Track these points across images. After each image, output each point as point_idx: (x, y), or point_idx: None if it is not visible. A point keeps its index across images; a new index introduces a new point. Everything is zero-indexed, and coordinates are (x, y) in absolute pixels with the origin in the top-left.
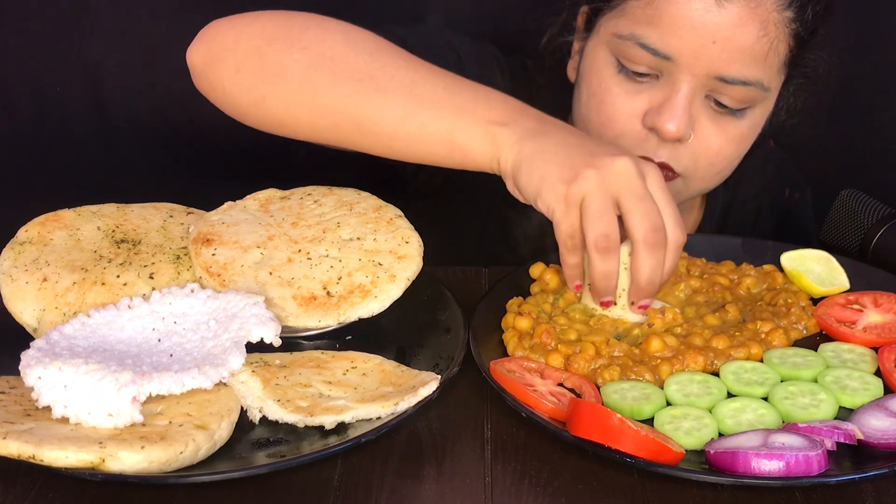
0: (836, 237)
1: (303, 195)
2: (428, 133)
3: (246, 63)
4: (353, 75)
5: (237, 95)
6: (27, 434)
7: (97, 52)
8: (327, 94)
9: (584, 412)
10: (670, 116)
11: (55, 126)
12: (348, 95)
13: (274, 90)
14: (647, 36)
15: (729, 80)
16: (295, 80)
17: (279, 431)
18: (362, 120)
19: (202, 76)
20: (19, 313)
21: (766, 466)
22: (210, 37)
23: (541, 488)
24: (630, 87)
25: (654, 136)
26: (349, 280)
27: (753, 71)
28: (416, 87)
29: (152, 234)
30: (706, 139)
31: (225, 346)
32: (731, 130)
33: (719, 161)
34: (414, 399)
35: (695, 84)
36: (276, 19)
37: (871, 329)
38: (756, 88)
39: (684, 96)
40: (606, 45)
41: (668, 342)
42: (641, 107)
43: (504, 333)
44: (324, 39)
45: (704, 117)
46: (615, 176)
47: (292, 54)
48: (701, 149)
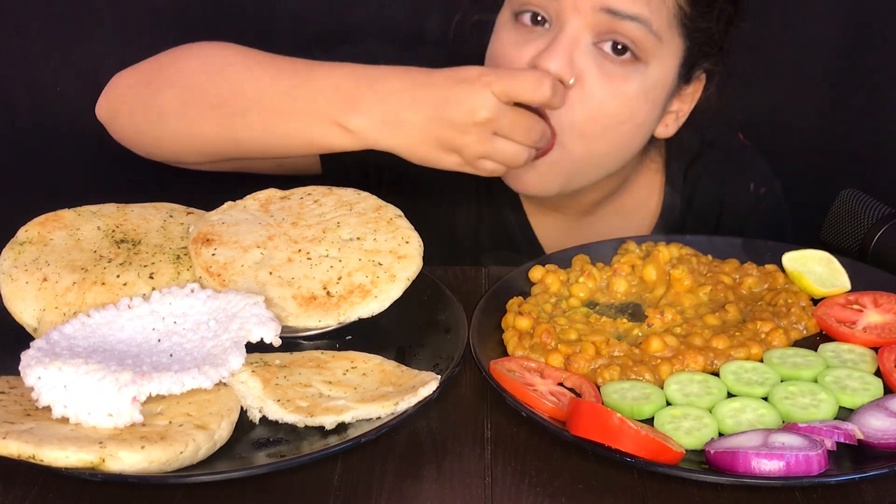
0: (836, 237)
1: (303, 195)
2: (291, 142)
3: (135, 109)
4: (212, 103)
5: (135, 138)
6: (27, 434)
7: (97, 52)
8: (200, 126)
9: (584, 412)
10: (550, 55)
11: (55, 126)
12: (215, 125)
13: (162, 130)
14: None
15: (615, 11)
16: (173, 119)
17: (279, 431)
18: (235, 142)
19: (110, 128)
20: (19, 313)
21: (766, 466)
22: (110, 90)
23: (541, 488)
24: (520, 37)
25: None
26: (349, 280)
27: (640, 6)
28: (263, 101)
29: (152, 234)
30: (588, 85)
31: (225, 346)
32: (618, 82)
33: (600, 115)
34: (414, 399)
35: (581, 23)
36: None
37: (871, 329)
38: (645, 29)
39: (567, 36)
40: (508, 5)
41: (668, 342)
42: (529, 54)
43: (504, 333)
44: (186, 72)
45: (591, 63)
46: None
47: (165, 94)
48: (581, 95)
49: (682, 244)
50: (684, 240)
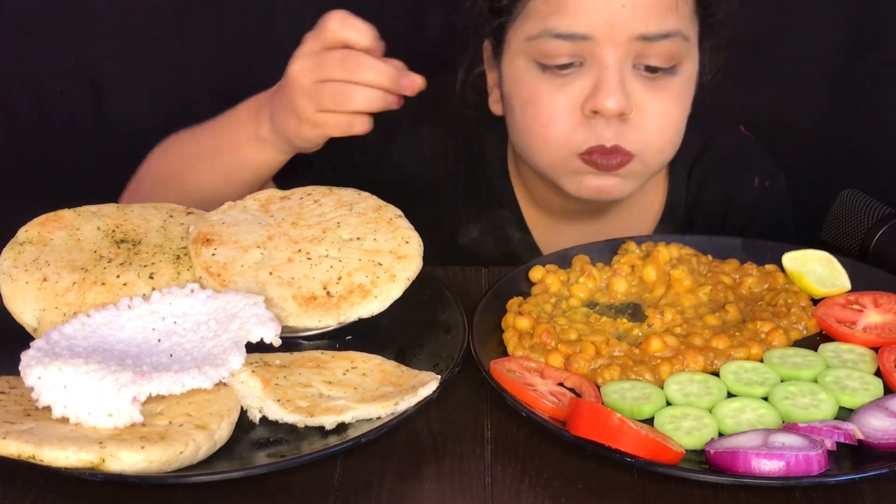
0: (836, 237)
1: (303, 195)
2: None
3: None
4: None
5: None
6: (27, 434)
7: (97, 52)
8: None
9: (584, 412)
10: (607, 94)
11: (55, 126)
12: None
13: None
14: (558, 25)
15: (650, 36)
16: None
17: (279, 431)
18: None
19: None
20: (19, 313)
21: (766, 466)
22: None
23: (541, 488)
24: (558, 81)
25: (598, 121)
26: (349, 280)
27: (669, 21)
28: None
29: (152, 234)
30: (648, 106)
31: (225, 346)
32: (670, 91)
33: (667, 125)
34: (414, 399)
35: (619, 54)
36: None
37: (871, 329)
38: (678, 39)
39: (614, 70)
40: (522, 54)
41: (668, 342)
42: (576, 96)
43: (504, 333)
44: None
45: (639, 86)
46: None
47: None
48: (646, 118)
49: (681, 244)
50: (684, 240)
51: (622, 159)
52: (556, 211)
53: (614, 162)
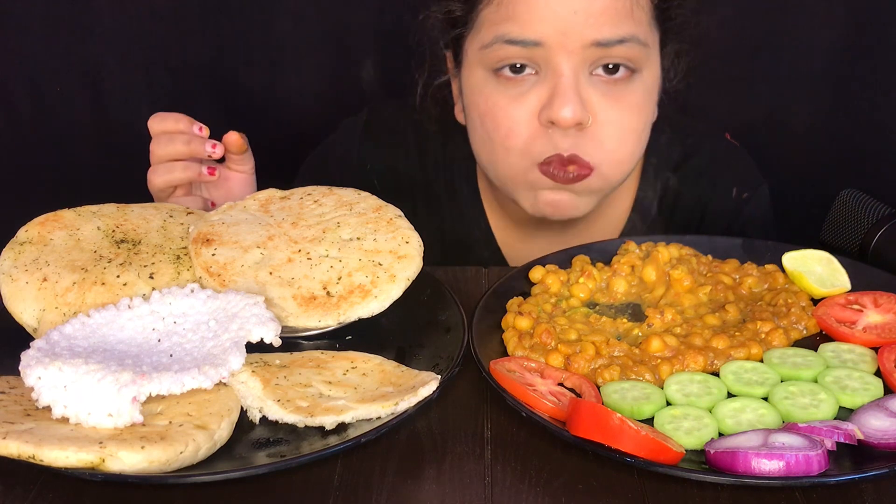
0: (836, 237)
1: (303, 195)
2: None
3: None
4: None
5: None
6: (27, 434)
7: (97, 52)
8: None
9: (584, 412)
10: (562, 103)
11: (55, 126)
12: None
13: None
14: (509, 31)
15: (605, 42)
16: None
17: (279, 431)
18: None
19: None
20: (19, 313)
21: (766, 466)
22: None
23: (541, 488)
24: (514, 91)
25: (555, 132)
26: (349, 280)
27: (625, 27)
28: None
29: (152, 234)
30: (605, 115)
31: (225, 346)
32: (629, 99)
33: (626, 135)
34: (414, 399)
35: (573, 61)
36: None
37: (871, 329)
38: (634, 45)
39: (569, 79)
40: (479, 64)
41: (668, 342)
42: (533, 106)
43: (504, 333)
44: None
45: (597, 94)
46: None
47: None
48: (604, 128)
49: (682, 244)
50: (684, 240)
51: (579, 172)
52: (522, 220)
53: (571, 174)
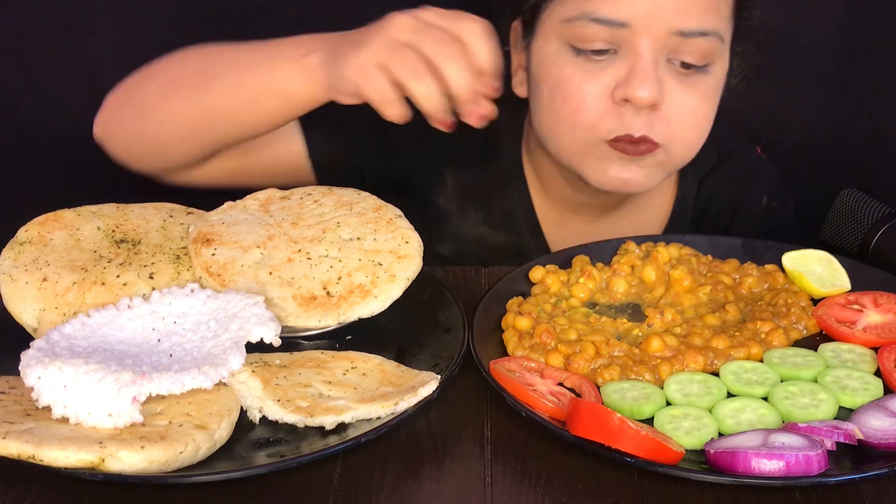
0: (836, 237)
1: (303, 195)
2: (259, 92)
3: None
4: (189, 78)
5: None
6: (27, 434)
7: (97, 52)
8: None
9: (584, 412)
10: (640, 82)
11: (55, 126)
12: (191, 93)
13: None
14: (598, 9)
15: (688, 32)
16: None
17: (279, 431)
18: (209, 106)
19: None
20: (19, 313)
21: (766, 466)
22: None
23: (541, 488)
24: (591, 67)
25: (627, 110)
26: (349, 280)
27: (710, 20)
28: (239, 59)
29: (152, 234)
30: (679, 100)
31: (225, 346)
32: (702, 88)
33: (696, 121)
34: (414, 399)
35: (655, 46)
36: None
37: (871, 329)
38: (714, 39)
39: (649, 60)
40: (555, 35)
41: (668, 342)
42: (608, 83)
43: (504, 333)
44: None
45: (672, 80)
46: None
47: (150, 86)
48: (676, 112)
49: (681, 244)
50: (684, 240)
51: (648, 147)
52: (566, 203)
53: (642, 148)
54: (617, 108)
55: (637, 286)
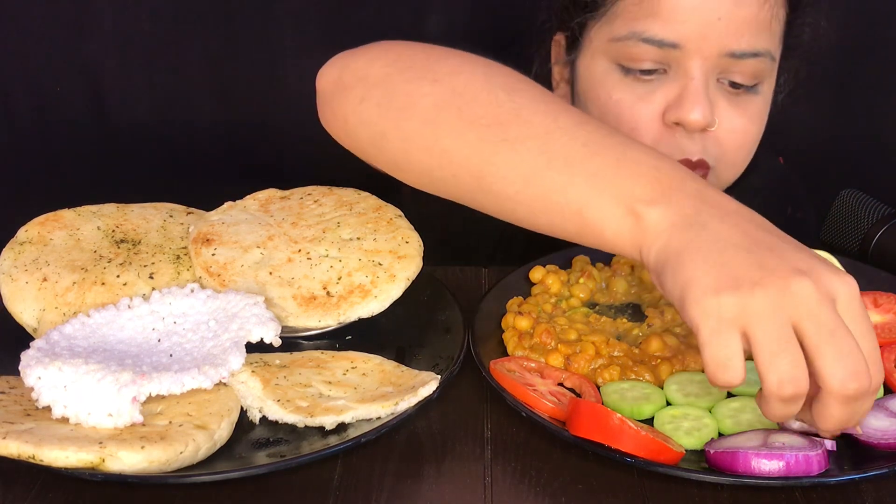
0: (836, 237)
1: (303, 195)
2: (555, 202)
3: (373, 93)
4: (482, 118)
5: (357, 128)
6: (27, 434)
7: (97, 52)
8: (450, 139)
9: (584, 412)
10: (692, 105)
11: (55, 126)
12: (472, 142)
13: (395, 126)
14: (648, 29)
15: (739, 54)
16: (419, 118)
17: (279, 431)
18: (483, 174)
19: (328, 104)
20: (19, 313)
21: (766, 466)
22: (343, 62)
23: (541, 488)
24: (641, 89)
25: (680, 133)
26: (349, 280)
27: (761, 41)
28: (552, 140)
29: (152, 234)
30: (730, 122)
31: (225, 346)
32: (752, 108)
33: (746, 142)
34: (414, 399)
35: (706, 67)
36: (412, 49)
37: None
38: (765, 59)
39: (700, 82)
40: (603, 53)
41: (668, 342)
42: (658, 106)
43: (504, 333)
44: (459, 73)
45: (723, 100)
46: (794, 298)
47: (422, 87)
48: (727, 133)
49: None
50: None
51: (703, 172)
52: None
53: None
54: (670, 131)
55: (637, 286)
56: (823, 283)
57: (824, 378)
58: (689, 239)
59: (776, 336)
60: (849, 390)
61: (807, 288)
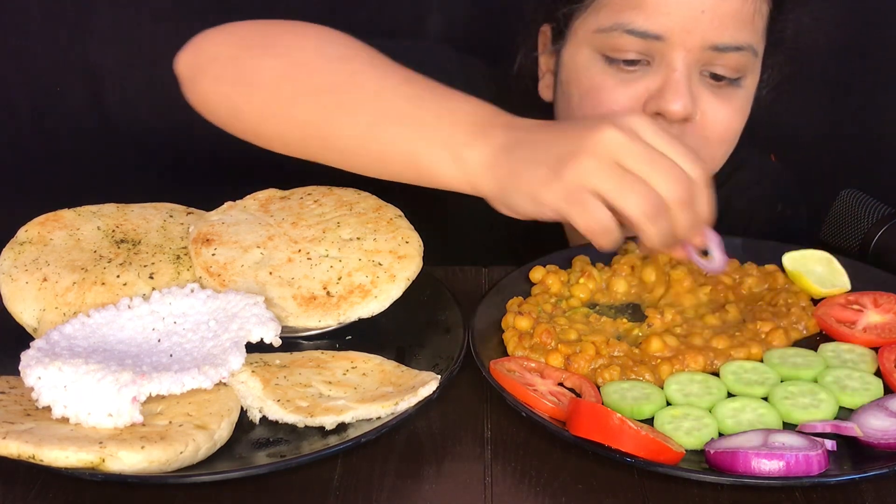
0: (836, 237)
1: (303, 195)
2: (391, 153)
3: (225, 72)
4: (320, 86)
5: (217, 105)
6: (27, 434)
7: (97, 52)
8: (295, 107)
9: (584, 412)
10: (674, 96)
11: (55, 126)
12: (315, 108)
13: (248, 101)
14: (633, 21)
15: (722, 47)
16: (266, 91)
17: (279, 431)
18: (327, 135)
19: (189, 86)
20: (19, 313)
21: (766, 466)
22: (197, 45)
23: (541, 488)
24: (623, 77)
25: (660, 122)
26: (349, 280)
27: (744, 35)
28: (382, 99)
29: (152, 234)
30: (712, 114)
31: (225, 346)
32: (734, 102)
33: (728, 135)
34: (414, 399)
35: (689, 59)
36: (256, 27)
37: (871, 329)
38: (748, 53)
39: (682, 73)
40: (588, 44)
41: (668, 342)
42: (640, 95)
43: (504, 333)
44: (298, 47)
45: (705, 93)
46: (608, 145)
47: (266, 62)
48: (708, 125)
49: None
50: None
51: None
52: None
53: None
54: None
55: (637, 286)
56: (622, 126)
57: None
58: (511, 160)
59: (616, 180)
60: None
61: (612, 133)
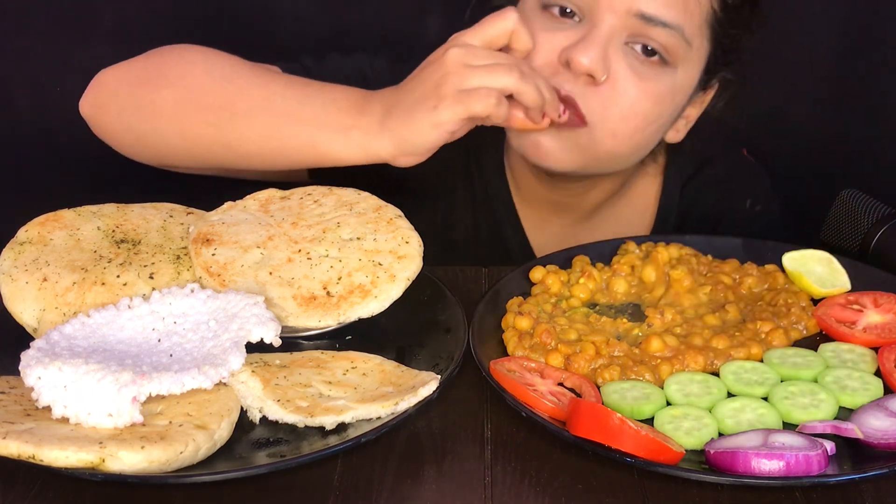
0: (836, 237)
1: (303, 195)
2: (291, 146)
3: (125, 107)
4: (213, 104)
5: (123, 136)
6: (27, 434)
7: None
8: (195, 125)
9: (584, 412)
10: (584, 48)
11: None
12: (213, 122)
13: (152, 128)
14: None
15: (649, 17)
16: (168, 117)
17: (279, 431)
18: (230, 143)
19: (93, 122)
20: (19, 313)
21: (766, 466)
22: (96, 86)
23: (541, 488)
24: (552, 24)
25: (567, 74)
26: (349, 280)
27: (673, 13)
28: (271, 104)
29: (152, 234)
30: (622, 84)
31: (225, 346)
32: (650, 83)
33: (632, 115)
34: (414, 399)
35: (614, 23)
36: (147, 61)
37: (871, 329)
38: (678, 36)
39: (602, 32)
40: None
41: (668, 342)
42: (560, 42)
43: (504, 333)
44: (187, 74)
45: (623, 63)
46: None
47: (162, 93)
48: (614, 94)
49: (681, 244)
50: (684, 240)
51: (572, 120)
52: (544, 205)
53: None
54: (559, 67)
55: (637, 286)
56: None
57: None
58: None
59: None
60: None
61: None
